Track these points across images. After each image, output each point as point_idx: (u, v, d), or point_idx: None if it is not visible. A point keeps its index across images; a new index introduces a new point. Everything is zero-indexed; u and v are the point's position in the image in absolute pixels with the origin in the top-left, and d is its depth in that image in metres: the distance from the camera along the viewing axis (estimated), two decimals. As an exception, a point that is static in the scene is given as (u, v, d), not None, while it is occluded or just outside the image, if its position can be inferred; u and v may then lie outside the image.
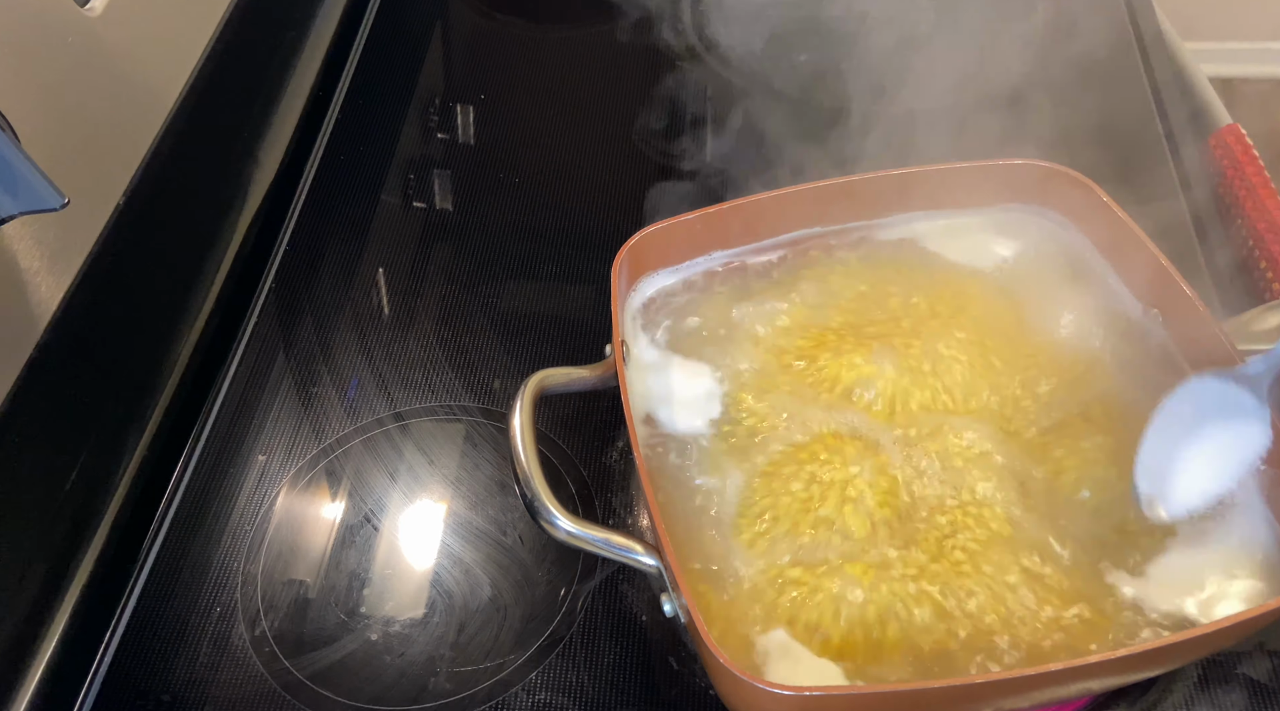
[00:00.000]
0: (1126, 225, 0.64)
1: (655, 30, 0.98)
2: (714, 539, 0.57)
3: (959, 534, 0.56)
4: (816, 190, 0.68)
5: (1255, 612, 0.49)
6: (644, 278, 0.68)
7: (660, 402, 0.63)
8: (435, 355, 0.75)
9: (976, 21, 0.92)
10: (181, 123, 0.74)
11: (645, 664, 0.60)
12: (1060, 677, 0.49)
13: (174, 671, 0.60)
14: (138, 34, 0.72)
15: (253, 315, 0.78)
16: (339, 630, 0.62)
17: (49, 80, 0.63)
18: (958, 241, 0.71)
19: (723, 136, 0.88)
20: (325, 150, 0.90)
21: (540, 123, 0.93)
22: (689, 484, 0.60)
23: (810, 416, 0.62)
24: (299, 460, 0.69)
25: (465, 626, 0.62)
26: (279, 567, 0.64)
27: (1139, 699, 0.57)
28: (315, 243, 0.83)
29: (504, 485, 0.68)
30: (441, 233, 0.85)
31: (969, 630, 0.53)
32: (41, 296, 0.61)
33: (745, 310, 0.67)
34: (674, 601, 0.52)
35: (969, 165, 0.69)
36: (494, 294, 0.79)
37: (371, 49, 0.99)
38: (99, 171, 0.67)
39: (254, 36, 0.86)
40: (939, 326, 0.65)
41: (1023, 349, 0.64)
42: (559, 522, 0.53)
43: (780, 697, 0.48)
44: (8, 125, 0.57)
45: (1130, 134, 0.85)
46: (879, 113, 0.85)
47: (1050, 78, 0.81)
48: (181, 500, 0.68)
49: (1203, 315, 0.59)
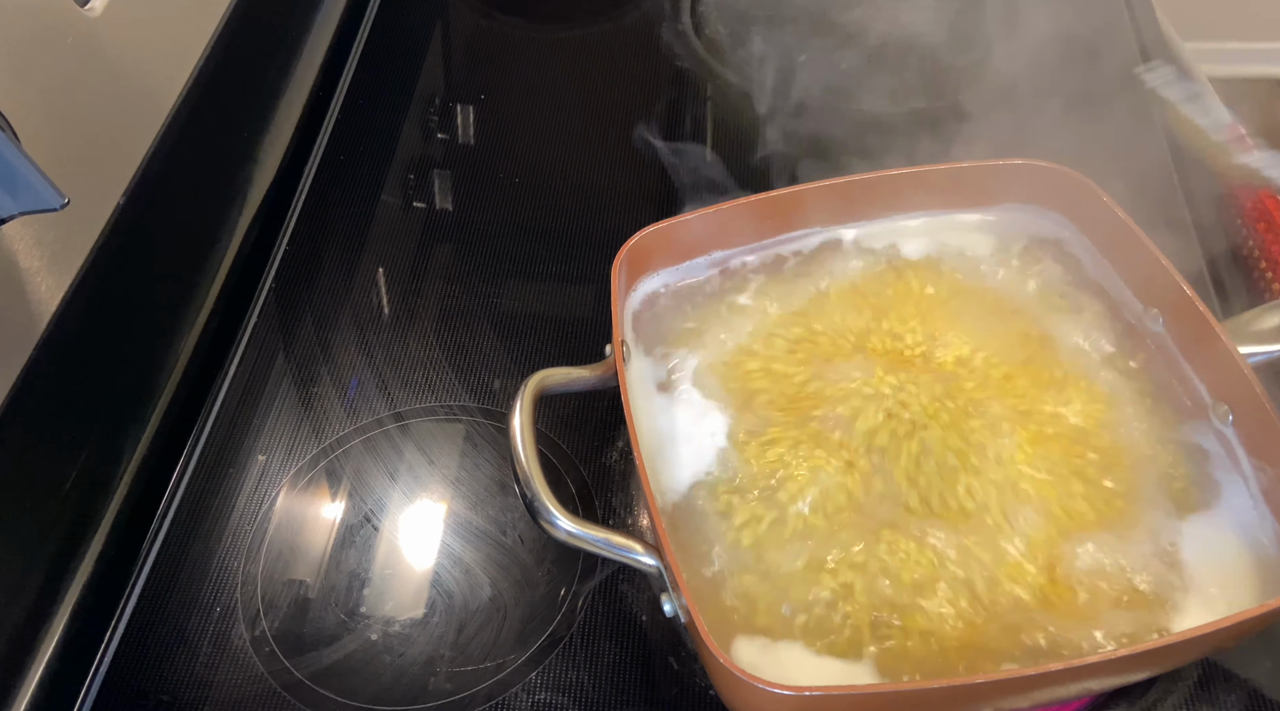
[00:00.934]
0: (1126, 225, 0.64)
1: (655, 30, 0.98)
2: (714, 539, 0.57)
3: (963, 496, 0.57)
4: (816, 190, 0.68)
5: (1255, 612, 0.49)
6: (644, 278, 0.68)
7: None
8: (435, 355, 0.75)
9: (977, 22, 0.92)
10: (181, 123, 0.74)
11: (645, 664, 0.60)
12: (1060, 677, 0.49)
13: (174, 671, 0.60)
14: (138, 34, 0.72)
15: (253, 315, 0.78)
16: (339, 630, 0.62)
17: (49, 80, 0.63)
18: (958, 241, 0.71)
19: (722, 136, 0.88)
20: (325, 150, 0.90)
21: (540, 123, 0.93)
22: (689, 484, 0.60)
23: (810, 416, 0.62)
24: (299, 460, 0.69)
25: (465, 626, 0.62)
26: (279, 567, 0.64)
27: (1139, 699, 0.57)
28: (315, 243, 0.83)
29: (504, 485, 0.68)
30: (441, 233, 0.85)
31: (980, 619, 0.53)
32: (41, 296, 0.61)
33: (744, 310, 0.67)
34: (674, 601, 0.52)
35: (969, 165, 0.69)
36: (494, 294, 0.79)
37: (371, 49, 0.99)
38: (99, 171, 0.67)
39: (254, 36, 0.86)
40: (940, 327, 0.65)
41: (1019, 353, 0.64)
42: (559, 522, 0.53)
43: (780, 697, 0.48)
44: (8, 125, 0.57)
45: (1130, 134, 0.85)
46: (879, 112, 0.85)
47: (1050, 78, 0.81)
48: (181, 500, 0.68)
49: (1203, 315, 0.59)
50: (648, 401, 0.63)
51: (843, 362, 0.63)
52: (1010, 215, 0.71)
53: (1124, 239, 0.64)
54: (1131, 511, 0.57)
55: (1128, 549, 0.56)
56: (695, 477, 0.60)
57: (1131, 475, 0.58)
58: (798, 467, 0.59)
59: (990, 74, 0.84)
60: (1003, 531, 0.56)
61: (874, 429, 0.60)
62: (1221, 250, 0.77)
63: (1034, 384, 0.62)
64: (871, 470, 0.59)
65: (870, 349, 0.64)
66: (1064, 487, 0.58)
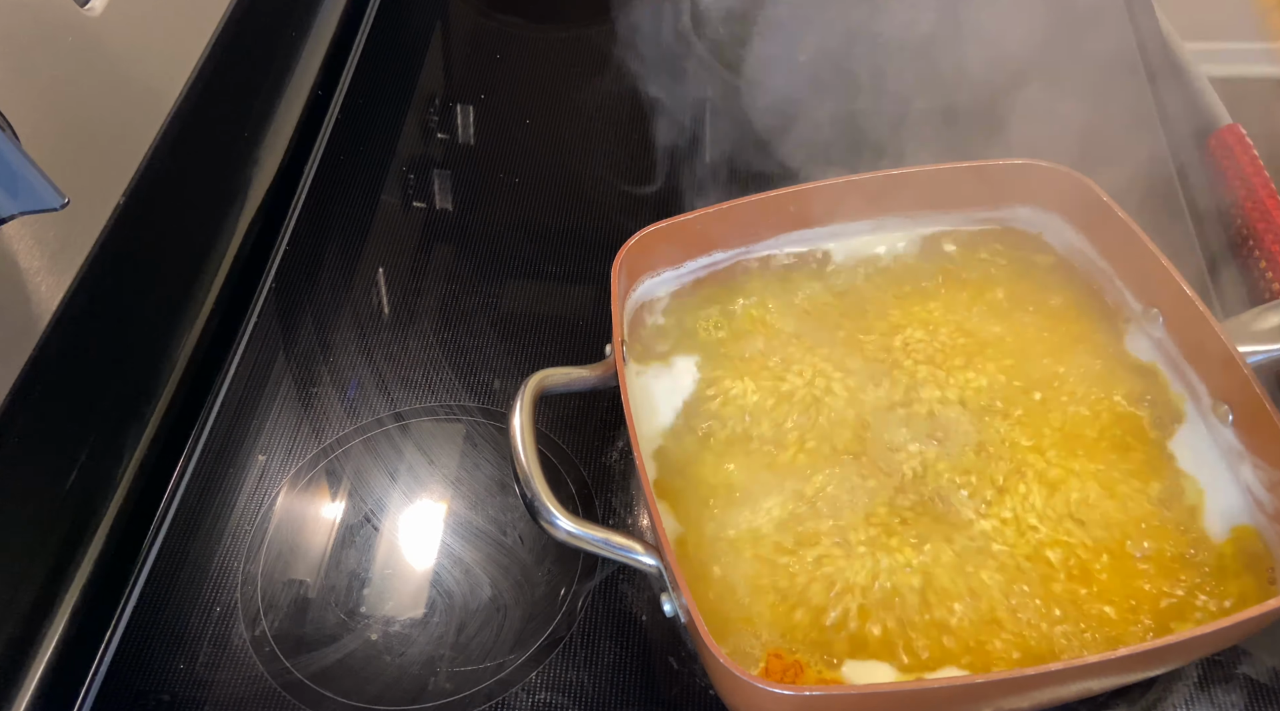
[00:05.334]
0: (1126, 225, 0.64)
1: (655, 30, 0.98)
2: (714, 538, 0.57)
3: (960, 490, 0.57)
4: (816, 190, 0.68)
5: (1255, 612, 0.49)
6: (644, 278, 0.68)
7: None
8: (435, 355, 0.75)
9: (978, 22, 0.91)
10: (181, 123, 0.74)
11: (645, 664, 0.60)
12: (1060, 677, 0.49)
13: (174, 671, 0.60)
14: (138, 34, 0.72)
15: (253, 315, 0.78)
16: (339, 630, 0.62)
17: (49, 80, 0.63)
18: (958, 241, 0.71)
19: (722, 136, 0.88)
20: (325, 150, 0.90)
21: (540, 123, 0.93)
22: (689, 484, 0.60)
23: (808, 418, 0.62)
24: (299, 460, 0.69)
25: (465, 626, 0.62)
26: (279, 567, 0.64)
27: (1139, 699, 0.57)
28: (315, 243, 0.83)
29: (504, 485, 0.68)
30: (441, 233, 0.85)
31: (980, 612, 0.54)
32: (41, 296, 0.61)
33: (744, 310, 0.67)
34: (674, 601, 0.52)
35: (969, 165, 0.69)
36: (494, 294, 0.79)
37: (371, 49, 0.99)
38: (99, 171, 0.67)
39: (254, 36, 0.86)
40: (941, 325, 0.65)
41: (1016, 350, 0.64)
42: (559, 522, 0.53)
43: (780, 697, 0.48)
44: (8, 125, 0.57)
45: (1130, 134, 0.85)
46: (880, 112, 0.85)
47: (1051, 78, 0.81)
48: (181, 500, 0.68)
49: (1203, 315, 0.59)
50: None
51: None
52: (1010, 215, 0.71)
53: (1124, 239, 0.64)
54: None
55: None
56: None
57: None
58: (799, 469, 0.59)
59: (990, 74, 0.84)
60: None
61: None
62: (1221, 250, 0.77)
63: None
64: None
65: (869, 336, 0.65)
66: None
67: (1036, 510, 0.57)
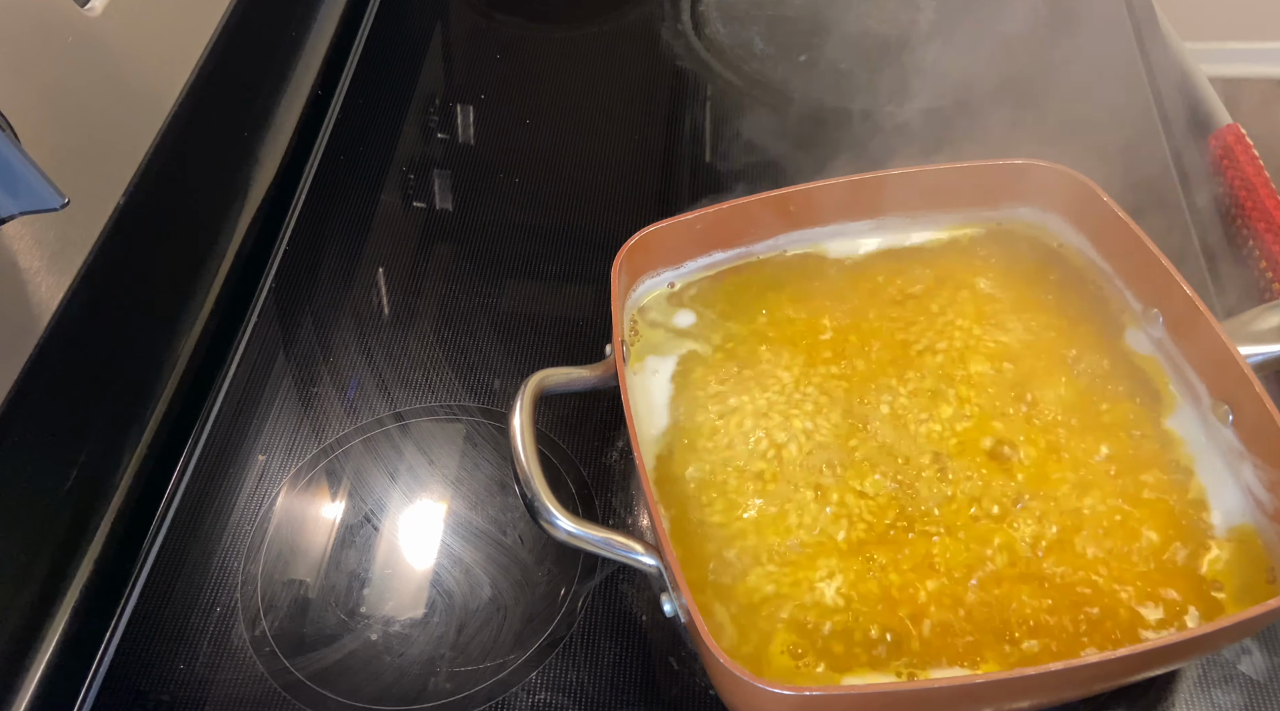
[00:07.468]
0: (1126, 225, 0.64)
1: (655, 30, 0.98)
2: (715, 538, 0.57)
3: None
4: (816, 190, 0.68)
5: (1255, 612, 0.49)
6: (644, 277, 0.68)
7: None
8: (435, 355, 0.75)
9: (977, 21, 0.92)
10: (181, 123, 0.74)
11: (645, 664, 0.60)
12: (1060, 677, 0.49)
13: (174, 671, 0.60)
14: (138, 34, 0.72)
15: (253, 315, 0.78)
16: (339, 630, 0.62)
17: (49, 80, 0.63)
18: (958, 241, 0.71)
19: (722, 136, 0.88)
20: (325, 150, 0.90)
21: (540, 123, 0.93)
22: (689, 482, 0.60)
23: (807, 418, 0.62)
24: (299, 460, 0.69)
25: (465, 626, 0.62)
26: (279, 567, 0.64)
27: (1139, 699, 0.57)
28: (315, 243, 0.83)
29: (504, 485, 0.68)
30: (441, 233, 0.85)
31: (981, 616, 0.54)
32: (41, 296, 0.61)
33: (744, 310, 0.67)
34: (674, 601, 0.52)
35: (969, 165, 0.69)
36: (494, 294, 0.79)
37: (371, 49, 0.99)
38: (99, 171, 0.67)
39: (254, 37, 0.86)
40: (940, 325, 0.65)
41: (1016, 351, 0.64)
42: (559, 522, 0.53)
43: (780, 697, 0.48)
44: (8, 125, 0.57)
45: (1130, 134, 0.85)
46: (880, 112, 0.85)
47: (1051, 78, 0.81)
48: (181, 500, 0.68)
49: (1203, 315, 0.59)
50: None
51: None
52: (1010, 215, 0.71)
53: (1124, 239, 0.64)
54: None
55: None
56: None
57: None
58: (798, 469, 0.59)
59: (990, 74, 0.84)
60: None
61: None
62: (1221, 250, 0.77)
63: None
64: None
65: (869, 336, 0.65)
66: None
67: (1035, 511, 0.57)
